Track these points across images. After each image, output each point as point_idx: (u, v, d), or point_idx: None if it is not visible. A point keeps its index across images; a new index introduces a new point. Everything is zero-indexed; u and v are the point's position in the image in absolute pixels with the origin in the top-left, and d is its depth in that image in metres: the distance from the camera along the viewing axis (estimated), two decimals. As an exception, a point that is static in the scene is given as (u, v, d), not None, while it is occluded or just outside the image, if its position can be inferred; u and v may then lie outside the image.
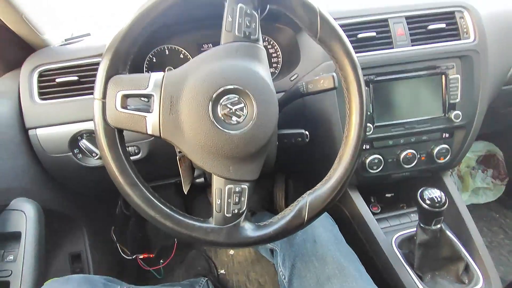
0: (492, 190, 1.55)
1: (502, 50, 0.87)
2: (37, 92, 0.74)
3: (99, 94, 0.49)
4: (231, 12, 0.50)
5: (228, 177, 0.50)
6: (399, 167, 0.87)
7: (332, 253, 0.67)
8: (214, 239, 0.51)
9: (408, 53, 0.80)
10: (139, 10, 0.49)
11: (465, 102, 0.84)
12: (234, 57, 0.50)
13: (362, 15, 0.80)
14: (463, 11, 0.83)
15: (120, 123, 0.49)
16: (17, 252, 0.62)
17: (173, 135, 0.49)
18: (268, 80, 0.52)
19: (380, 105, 0.82)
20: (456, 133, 0.87)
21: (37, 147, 0.74)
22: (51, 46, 0.81)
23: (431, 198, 0.68)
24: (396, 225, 0.91)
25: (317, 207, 0.53)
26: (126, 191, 0.50)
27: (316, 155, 0.91)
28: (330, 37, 0.53)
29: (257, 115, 0.49)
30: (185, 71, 0.50)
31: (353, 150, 0.54)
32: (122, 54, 0.50)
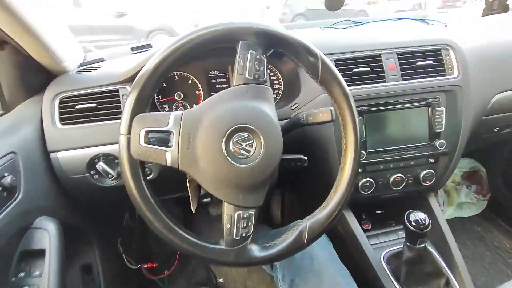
0: (475, 205, 1.64)
1: (482, 85, 0.95)
2: (58, 118, 0.79)
3: (124, 130, 0.55)
4: (242, 57, 0.56)
5: (238, 205, 0.57)
6: (389, 189, 0.95)
7: (328, 270, 0.75)
8: (224, 260, 0.58)
9: (399, 87, 0.88)
10: (162, 53, 0.54)
11: (448, 132, 0.92)
12: (245, 98, 0.57)
13: (358, 51, 0.88)
14: (449, 49, 0.92)
15: (143, 156, 0.55)
16: (42, 268, 0.68)
17: (190, 167, 0.55)
18: (274, 118, 0.58)
19: (372, 133, 0.90)
20: (440, 159, 0.95)
21: (58, 169, 0.79)
22: (69, 73, 0.87)
23: (416, 220, 0.76)
24: (385, 241, 0.99)
25: (316, 231, 0.60)
26: (148, 217, 0.56)
27: (313, 176, 0.98)
28: (330, 81, 0.60)
29: (264, 150, 0.56)
30: (202, 110, 0.57)
31: (348, 181, 0.61)
32: (145, 94, 0.55)
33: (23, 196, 0.68)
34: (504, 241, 1.52)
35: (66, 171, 0.80)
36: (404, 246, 0.83)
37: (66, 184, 0.82)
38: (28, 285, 0.66)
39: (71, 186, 0.83)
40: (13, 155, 0.68)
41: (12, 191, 0.66)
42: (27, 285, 0.66)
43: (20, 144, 0.71)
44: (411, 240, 0.79)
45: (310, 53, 0.59)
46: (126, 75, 0.81)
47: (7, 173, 0.65)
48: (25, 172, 0.70)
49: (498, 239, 1.54)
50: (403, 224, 0.78)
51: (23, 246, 0.69)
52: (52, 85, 0.82)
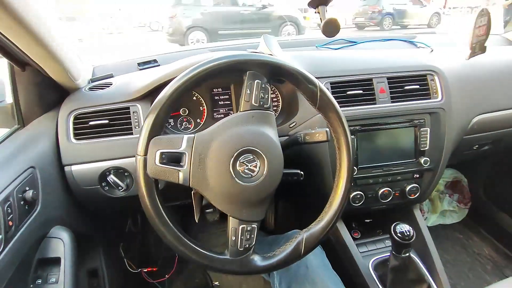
0: (457, 213, 1.74)
1: (464, 108, 1.04)
2: (73, 134, 0.84)
3: (141, 152, 0.60)
4: (249, 86, 0.63)
5: (242, 219, 0.63)
6: (377, 201, 1.03)
7: (321, 278, 0.81)
8: (229, 268, 0.65)
9: (388, 109, 0.95)
10: (178, 81, 0.60)
11: (432, 150, 1.00)
12: (251, 123, 0.63)
13: (352, 75, 0.96)
14: (434, 75, 1.00)
15: (157, 175, 0.60)
16: (58, 275, 0.73)
17: (200, 185, 0.61)
18: (276, 141, 0.65)
19: (364, 150, 0.97)
20: (425, 175, 1.04)
21: (71, 181, 0.84)
22: (82, 89, 0.92)
23: (402, 232, 0.84)
24: (373, 249, 1.07)
25: (312, 243, 0.67)
26: (161, 231, 0.62)
27: (308, 188, 1.05)
28: (326, 107, 0.67)
29: (267, 170, 0.62)
30: (212, 134, 0.63)
31: (341, 198, 0.68)
32: (161, 119, 0.61)
33: (41, 208, 0.73)
34: (483, 248, 1.62)
35: (79, 183, 0.85)
36: (390, 255, 0.90)
37: (79, 195, 0.87)
38: None
39: (83, 197, 0.88)
40: (32, 170, 0.73)
41: (33, 204, 0.71)
42: None
43: (38, 158, 0.76)
44: (397, 249, 0.87)
45: (310, 82, 0.65)
46: (136, 93, 0.87)
47: (28, 187, 0.70)
48: (42, 185, 0.75)
49: (478, 246, 1.64)
50: (390, 235, 0.85)
51: (40, 255, 0.75)
52: (67, 102, 0.87)
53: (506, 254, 1.57)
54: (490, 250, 1.60)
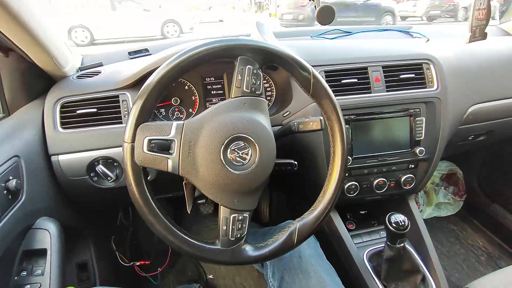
0: (452, 205, 1.74)
1: (459, 97, 1.03)
2: (60, 122, 0.82)
3: (129, 139, 0.58)
4: (240, 71, 0.61)
5: (233, 208, 0.62)
6: (372, 192, 1.02)
7: (315, 268, 0.80)
8: (220, 259, 0.63)
9: (383, 98, 0.94)
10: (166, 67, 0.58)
11: (428, 140, 0.99)
12: (242, 109, 0.61)
13: (346, 63, 0.94)
14: (429, 64, 0.98)
15: (145, 163, 0.58)
16: (44, 267, 0.71)
17: (190, 173, 0.60)
18: (269, 128, 0.63)
19: (358, 140, 0.96)
20: (420, 165, 1.03)
21: (58, 172, 0.82)
22: (70, 78, 0.89)
23: (397, 222, 0.82)
24: (368, 240, 1.06)
25: (305, 233, 0.65)
26: (150, 220, 0.60)
27: (302, 179, 1.04)
28: (320, 94, 0.65)
29: (259, 158, 0.60)
30: (202, 120, 0.61)
31: (335, 187, 0.66)
32: (149, 105, 0.59)
33: (26, 198, 0.71)
34: (478, 240, 1.63)
35: (66, 174, 0.82)
36: (385, 245, 0.89)
37: (66, 186, 0.85)
38: (30, 283, 0.69)
39: (70, 188, 0.86)
40: (17, 159, 0.70)
41: (16, 193, 0.68)
42: (29, 284, 0.69)
43: (23, 147, 0.74)
44: (392, 240, 0.86)
45: (303, 68, 0.63)
46: (126, 81, 0.84)
47: (12, 176, 0.67)
48: (27, 175, 0.73)
49: (472, 237, 1.64)
50: (384, 225, 0.84)
51: (25, 246, 0.72)
52: (53, 90, 0.84)
53: (500, 246, 1.57)
54: (484, 242, 1.61)
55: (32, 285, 0.69)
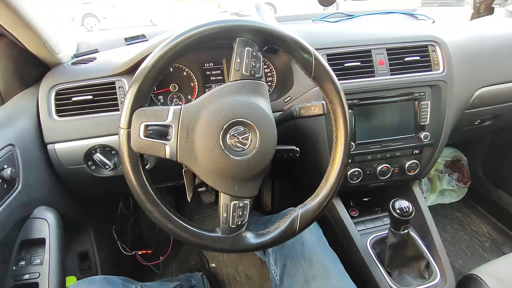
0: (456, 192, 1.73)
1: (465, 80, 1.00)
2: (55, 110, 0.80)
3: (124, 124, 0.56)
4: (239, 54, 0.58)
5: (234, 195, 0.60)
6: (376, 178, 1.00)
7: (317, 255, 0.79)
8: (221, 247, 0.61)
9: (387, 81, 0.91)
10: (161, 50, 0.55)
11: (433, 124, 0.97)
12: (242, 93, 0.59)
13: (349, 46, 0.91)
14: (435, 45, 0.95)
15: (142, 149, 0.56)
16: (42, 256, 0.70)
17: (188, 159, 0.58)
18: (269, 113, 0.61)
19: (361, 125, 0.93)
20: (424, 150, 1.00)
21: (55, 160, 0.80)
22: (64, 64, 0.87)
23: (401, 208, 0.81)
24: (371, 227, 1.04)
25: (307, 219, 0.64)
26: (148, 208, 0.58)
27: (304, 166, 1.02)
28: (322, 77, 0.63)
29: (259, 143, 0.58)
30: (200, 105, 0.59)
31: (338, 173, 0.65)
32: (144, 89, 0.56)
33: (22, 187, 0.70)
34: (482, 226, 1.62)
35: (63, 162, 0.81)
36: (388, 232, 0.88)
37: (63, 175, 0.83)
38: (29, 273, 0.68)
39: (68, 177, 0.84)
40: (11, 147, 0.69)
41: (12, 182, 0.67)
42: (28, 273, 0.69)
43: (18, 136, 0.72)
44: (396, 226, 0.85)
45: (304, 50, 0.61)
46: (122, 67, 0.82)
47: (6, 165, 0.66)
48: (23, 163, 0.71)
49: (476, 224, 1.63)
50: (388, 211, 0.82)
51: (23, 236, 0.71)
52: (47, 77, 0.82)
53: (504, 232, 1.56)
54: (488, 228, 1.60)
55: (31, 274, 0.68)
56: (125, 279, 0.75)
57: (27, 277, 0.68)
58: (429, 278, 0.91)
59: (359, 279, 0.91)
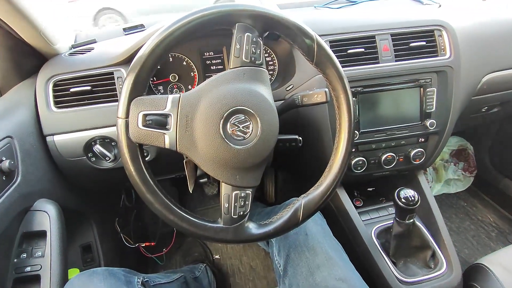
0: (462, 181, 1.70)
1: (473, 66, 0.97)
2: (53, 101, 0.79)
3: (122, 114, 0.55)
4: (239, 40, 0.56)
5: (235, 185, 0.58)
6: (380, 168, 0.98)
7: (321, 245, 0.78)
8: (223, 237, 0.60)
9: (392, 68, 0.88)
10: (158, 36, 0.54)
11: (439, 112, 0.94)
12: (242, 80, 0.57)
13: (353, 32, 0.88)
14: (442, 30, 0.92)
15: (141, 139, 0.55)
16: (44, 248, 0.69)
17: (188, 149, 0.56)
18: (270, 100, 0.59)
19: (365, 114, 0.91)
20: (430, 139, 0.98)
21: (54, 152, 0.80)
22: (62, 55, 0.85)
23: (406, 197, 0.79)
24: (376, 217, 1.03)
25: (310, 209, 0.62)
26: (148, 199, 0.57)
27: (307, 156, 1.01)
28: (325, 63, 0.60)
29: (261, 132, 0.57)
30: (199, 93, 0.57)
31: (342, 161, 0.63)
32: (142, 78, 0.55)
33: (21, 180, 0.69)
34: (488, 215, 1.60)
35: (63, 155, 0.80)
36: (394, 222, 0.87)
37: (64, 167, 0.83)
38: (31, 265, 0.68)
39: (68, 169, 0.84)
40: (10, 140, 0.68)
41: (11, 175, 0.66)
42: (29, 266, 0.68)
43: (16, 128, 0.71)
44: (401, 215, 0.83)
45: (306, 35, 0.58)
46: (121, 57, 0.80)
47: (5, 157, 0.65)
48: (22, 156, 0.70)
49: (483, 213, 1.61)
50: (393, 200, 0.81)
51: (24, 228, 0.71)
52: (44, 68, 0.81)
53: (511, 221, 1.54)
54: (494, 217, 1.58)
55: (32, 266, 0.68)
56: (128, 271, 0.75)
57: (28, 270, 0.68)
58: (435, 267, 0.90)
59: (364, 269, 0.90)
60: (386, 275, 0.87)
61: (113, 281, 0.66)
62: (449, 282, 0.87)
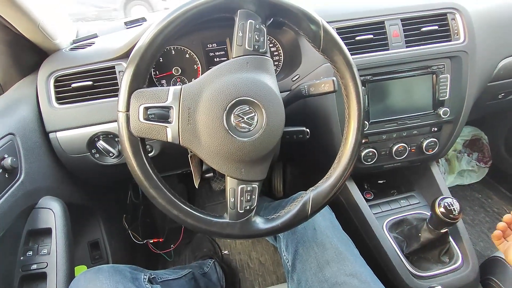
0: (476, 172, 1.65)
1: (489, 50, 0.92)
2: (55, 97, 0.77)
3: (123, 107, 0.53)
4: (241, 27, 0.54)
5: (241, 178, 0.56)
6: (391, 159, 0.95)
7: (330, 239, 0.75)
8: (229, 232, 0.58)
9: (403, 54, 0.85)
10: (157, 26, 0.52)
11: (453, 99, 0.90)
12: (245, 70, 0.55)
13: (361, 17, 0.85)
14: (455, 13, 0.88)
15: (143, 133, 0.53)
16: (49, 246, 0.69)
17: (191, 142, 0.54)
18: (275, 90, 0.57)
19: (375, 103, 0.88)
20: (444, 128, 0.94)
21: (58, 149, 0.79)
22: (62, 50, 0.84)
23: (447, 207, 0.73)
24: (387, 210, 1.00)
25: (319, 203, 0.60)
26: (151, 194, 0.56)
27: (315, 148, 0.98)
28: (332, 49, 0.58)
29: (266, 123, 0.55)
30: (201, 84, 0.55)
31: (351, 152, 0.60)
32: (142, 70, 0.53)
33: (25, 177, 0.68)
34: (504, 207, 1.55)
35: (66, 151, 0.79)
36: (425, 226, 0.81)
37: (67, 163, 0.82)
38: (37, 263, 0.67)
39: (72, 166, 0.83)
40: (12, 137, 0.67)
41: (13, 172, 0.65)
42: (35, 263, 0.68)
43: (18, 125, 0.70)
44: (437, 225, 0.77)
45: (312, 21, 0.56)
46: (122, 50, 0.78)
47: (7, 154, 0.64)
48: (25, 153, 0.70)
49: (498, 205, 1.56)
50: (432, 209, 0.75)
51: (29, 226, 0.71)
52: (45, 63, 0.79)
53: (529, 212, 1.48)
54: (511, 209, 1.52)
55: (38, 264, 0.67)
56: (134, 268, 0.74)
57: (35, 267, 0.67)
58: (450, 261, 0.87)
59: (376, 263, 0.88)
60: (400, 269, 0.85)
61: (119, 278, 0.65)
62: (466, 276, 0.84)
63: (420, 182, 1.07)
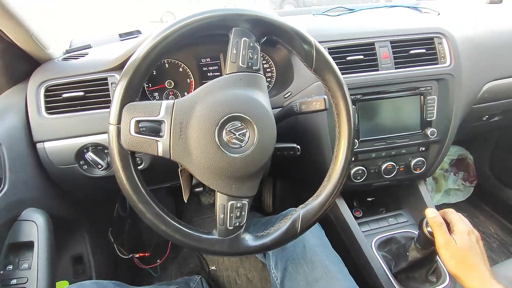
0: (462, 191, 1.68)
1: (474, 74, 0.96)
2: (44, 107, 0.76)
3: (114, 120, 0.52)
4: (235, 45, 0.55)
5: (231, 194, 0.56)
6: (380, 177, 0.96)
7: (320, 257, 0.75)
8: (218, 249, 0.58)
9: (392, 75, 0.87)
10: (153, 40, 0.52)
11: (440, 120, 0.93)
12: (238, 86, 0.56)
13: (352, 38, 0.87)
14: (441, 38, 0.91)
15: (133, 146, 0.53)
16: (31, 260, 0.66)
17: (182, 157, 0.54)
18: (267, 107, 0.57)
19: (365, 122, 0.89)
20: (431, 147, 0.96)
21: (45, 160, 0.77)
22: (55, 60, 0.84)
23: None
24: (376, 228, 1.00)
25: (309, 220, 0.60)
26: (139, 208, 0.55)
27: (305, 165, 0.98)
28: (324, 69, 0.59)
29: (258, 139, 0.55)
30: (194, 99, 0.55)
31: (342, 170, 0.61)
32: (135, 83, 0.53)
33: (9, 188, 0.66)
34: (489, 226, 1.57)
35: (53, 162, 0.77)
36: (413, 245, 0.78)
37: (54, 175, 0.80)
38: (17, 277, 0.65)
39: (59, 177, 0.81)
40: None
41: None
42: (15, 278, 0.65)
43: (5, 134, 0.69)
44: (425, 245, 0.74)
45: (305, 40, 0.57)
46: (115, 62, 0.78)
47: (-9, 164, 0.63)
48: (10, 163, 0.68)
49: (484, 224, 1.58)
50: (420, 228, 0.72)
51: (11, 239, 0.68)
52: (36, 73, 0.79)
53: (513, 232, 1.51)
54: (496, 228, 1.55)
55: (18, 279, 0.64)
56: (118, 284, 0.71)
57: (14, 282, 0.64)
58: (437, 281, 0.87)
59: (365, 282, 0.87)
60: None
61: None
62: (453, 296, 0.84)
63: (408, 200, 1.08)
